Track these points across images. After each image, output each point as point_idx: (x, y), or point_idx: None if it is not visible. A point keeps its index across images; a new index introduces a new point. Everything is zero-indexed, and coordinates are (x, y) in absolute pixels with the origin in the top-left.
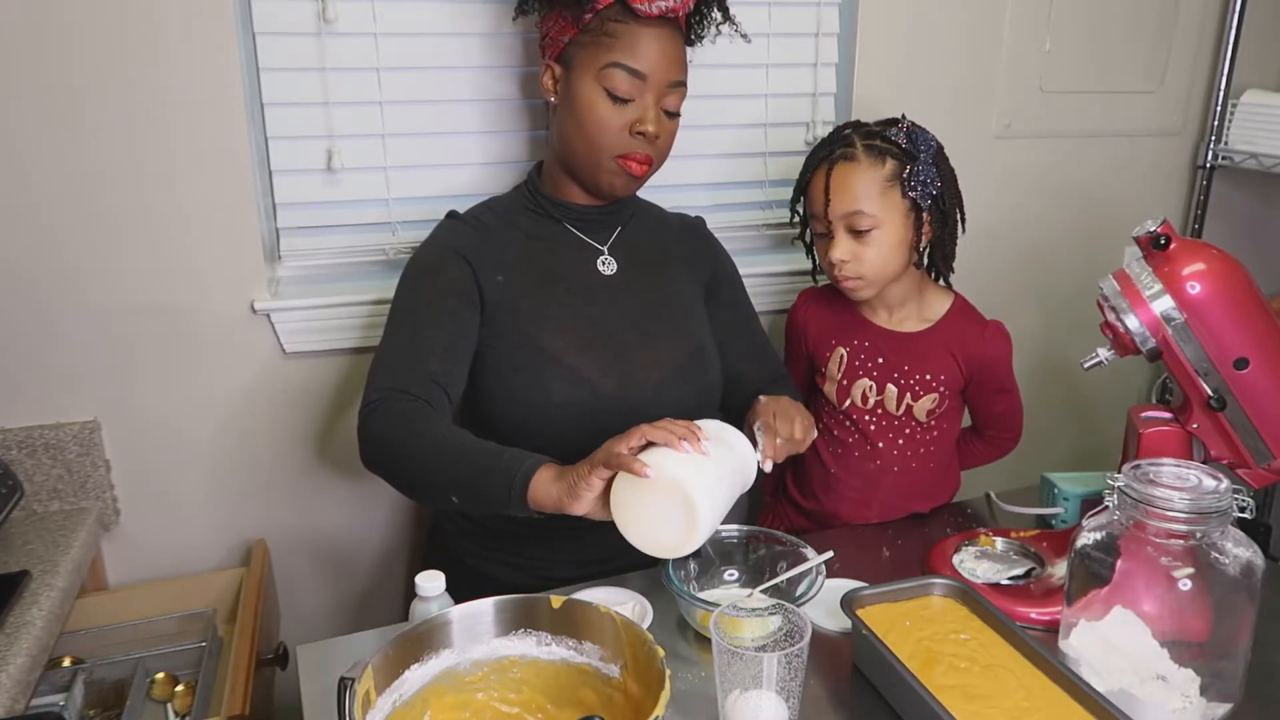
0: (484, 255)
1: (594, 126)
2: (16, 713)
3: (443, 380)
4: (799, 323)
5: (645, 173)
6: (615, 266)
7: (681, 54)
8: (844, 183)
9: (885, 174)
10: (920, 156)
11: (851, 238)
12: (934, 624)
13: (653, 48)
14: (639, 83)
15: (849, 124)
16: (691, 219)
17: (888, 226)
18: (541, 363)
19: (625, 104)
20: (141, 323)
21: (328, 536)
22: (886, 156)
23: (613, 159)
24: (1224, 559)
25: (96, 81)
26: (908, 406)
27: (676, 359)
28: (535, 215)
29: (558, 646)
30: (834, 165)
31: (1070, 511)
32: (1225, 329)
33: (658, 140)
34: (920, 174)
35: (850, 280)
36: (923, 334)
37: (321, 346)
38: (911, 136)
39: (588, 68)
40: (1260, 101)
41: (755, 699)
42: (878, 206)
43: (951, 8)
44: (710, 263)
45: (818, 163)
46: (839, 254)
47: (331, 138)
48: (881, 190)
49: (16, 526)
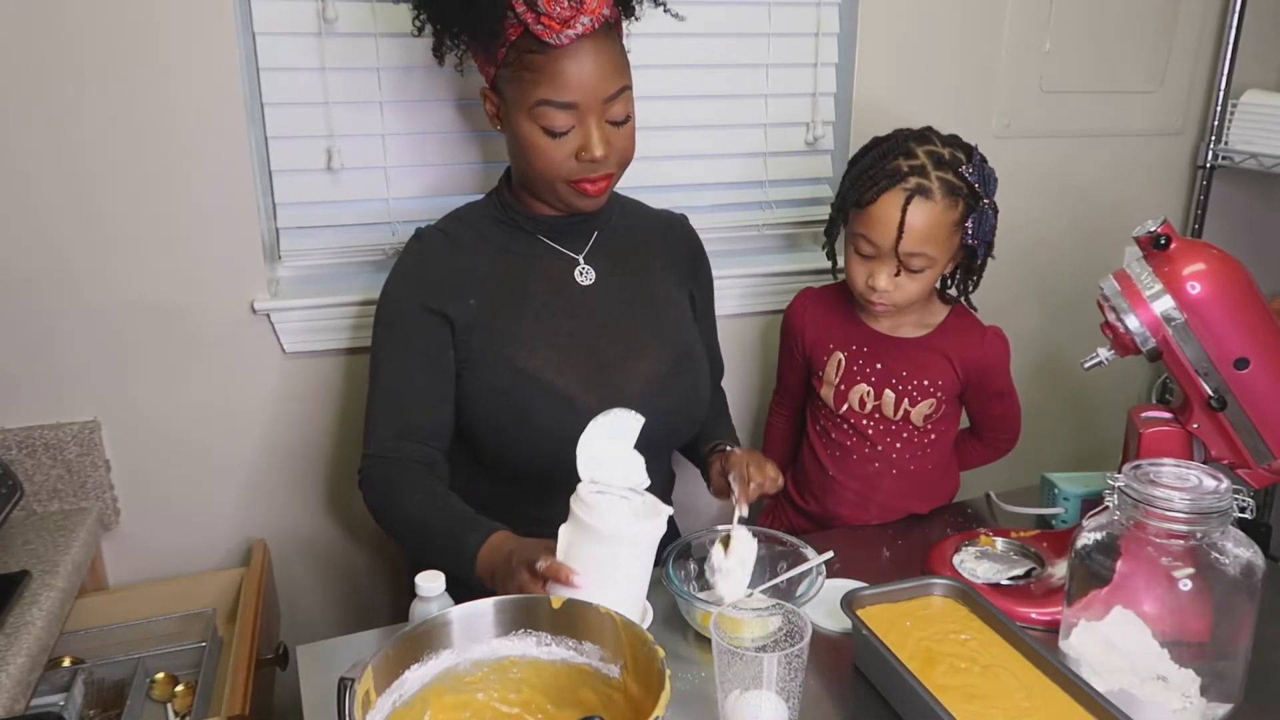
0: (452, 280)
1: (539, 160)
2: (16, 713)
3: (424, 433)
4: (796, 323)
5: (605, 188)
6: (594, 276)
7: (614, 59)
8: (918, 223)
9: (955, 218)
10: (984, 201)
11: (901, 270)
12: (934, 624)
13: (577, 73)
14: (572, 112)
15: (914, 133)
16: (675, 216)
17: (939, 265)
18: (520, 383)
19: (564, 135)
20: (141, 323)
21: (328, 536)
22: (959, 198)
23: (567, 185)
24: (1224, 559)
25: (96, 82)
26: (905, 412)
27: (661, 368)
28: (506, 227)
29: (558, 647)
30: (910, 200)
31: (1070, 511)
32: (1225, 329)
33: (609, 156)
34: (984, 221)
35: (882, 305)
36: (921, 340)
37: (321, 346)
38: (983, 175)
39: (518, 104)
40: (1260, 101)
41: (755, 699)
42: (940, 249)
43: (951, 8)
44: (693, 265)
45: (890, 186)
46: (883, 283)
47: (331, 138)
48: (949, 234)
49: (16, 526)
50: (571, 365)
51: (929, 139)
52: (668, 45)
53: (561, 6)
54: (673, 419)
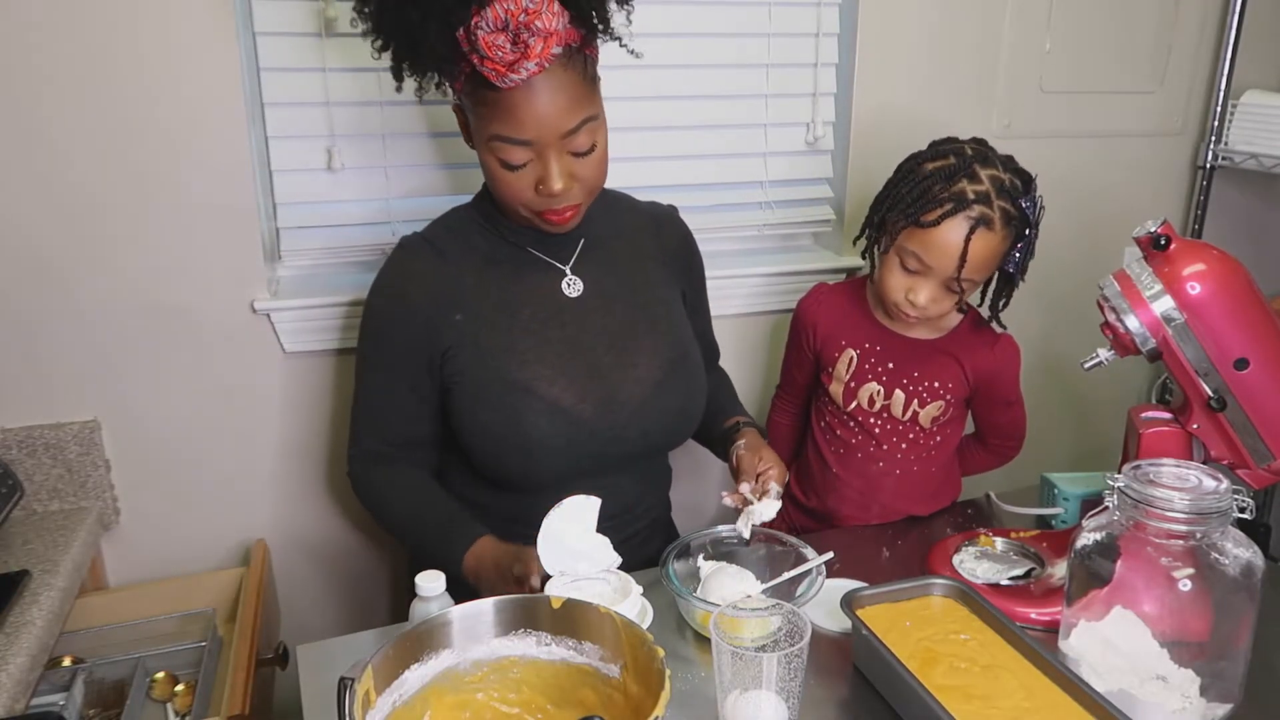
0: (438, 293)
1: (502, 189)
2: (16, 712)
3: (408, 439)
4: (808, 318)
5: (571, 216)
6: (581, 286)
7: (573, 91)
8: (980, 252)
9: (1007, 247)
10: (1033, 233)
11: (944, 288)
12: (934, 624)
13: (531, 111)
14: (528, 148)
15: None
16: (664, 209)
17: (979, 286)
18: (513, 397)
19: (522, 168)
20: (141, 323)
21: (328, 536)
22: (1013, 227)
23: (534, 215)
24: (1224, 559)
25: (96, 82)
26: (914, 413)
27: (656, 373)
28: (492, 236)
29: (558, 646)
30: (975, 229)
31: (1070, 512)
32: (1225, 329)
33: (572, 190)
34: (1029, 250)
35: (914, 317)
36: (934, 343)
37: (321, 346)
38: (1036, 206)
39: (479, 133)
40: (1260, 101)
41: (755, 699)
42: (986, 273)
43: (951, 8)
44: (685, 260)
45: (955, 212)
46: (924, 300)
47: (331, 137)
48: (998, 260)
49: (16, 526)
50: (564, 375)
51: (991, 161)
52: (668, 45)
53: (504, 51)
54: (670, 421)
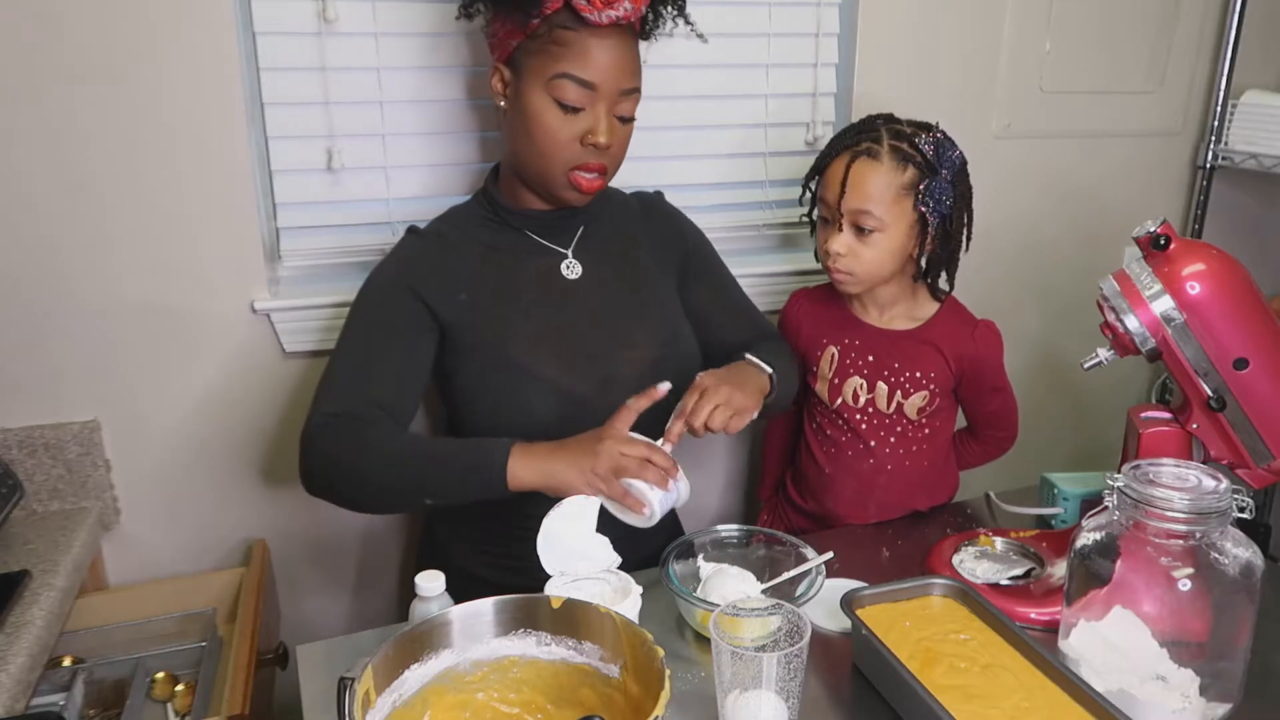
0: (442, 275)
1: (543, 137)
2: (16, 713)
3: (389, 408)
4: (792, 322)
5: (599, 185)
6: (580, 269)
7: (634, 60)
8: (861, 179)
9: (903, 181)
10: (941, 173)
11: (854, 233)
12: (934, 624)
13: (604, 57)
14: (590, 93)
15: (883, 115)
16: (650, 197)
17: (891, 232)
18: (516, 378)
19: (576, 113)
20: (142, 323)
21: (328, 536)
22: (909, 164)
23: (564, 173)
24: (1224, 559)
25: (96, 82)
26: (898, 404)
27: (652, 352)
28: (494, 225)
29: (557, 646)
30: (856, 158)
31: (1070, 511)
32: (1225, 329)
33: (610, 149)
34: (936, 190)
35: (841, 274)
36: (912, 333)
37: (321, 346)
38: (939, 149)
39: (536, 76)
40: (1260, 101)
41: (755, 699)
42: (886, 211)
43: (951, 8)
44: (676, 240)
45: (841, 149)
46: (837, 246)
47: (331, 137)
48: (895, 196)
49: (16, 526)
50: (564, 356)
51: (894, 120)
52: (668, 45)
53: None
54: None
